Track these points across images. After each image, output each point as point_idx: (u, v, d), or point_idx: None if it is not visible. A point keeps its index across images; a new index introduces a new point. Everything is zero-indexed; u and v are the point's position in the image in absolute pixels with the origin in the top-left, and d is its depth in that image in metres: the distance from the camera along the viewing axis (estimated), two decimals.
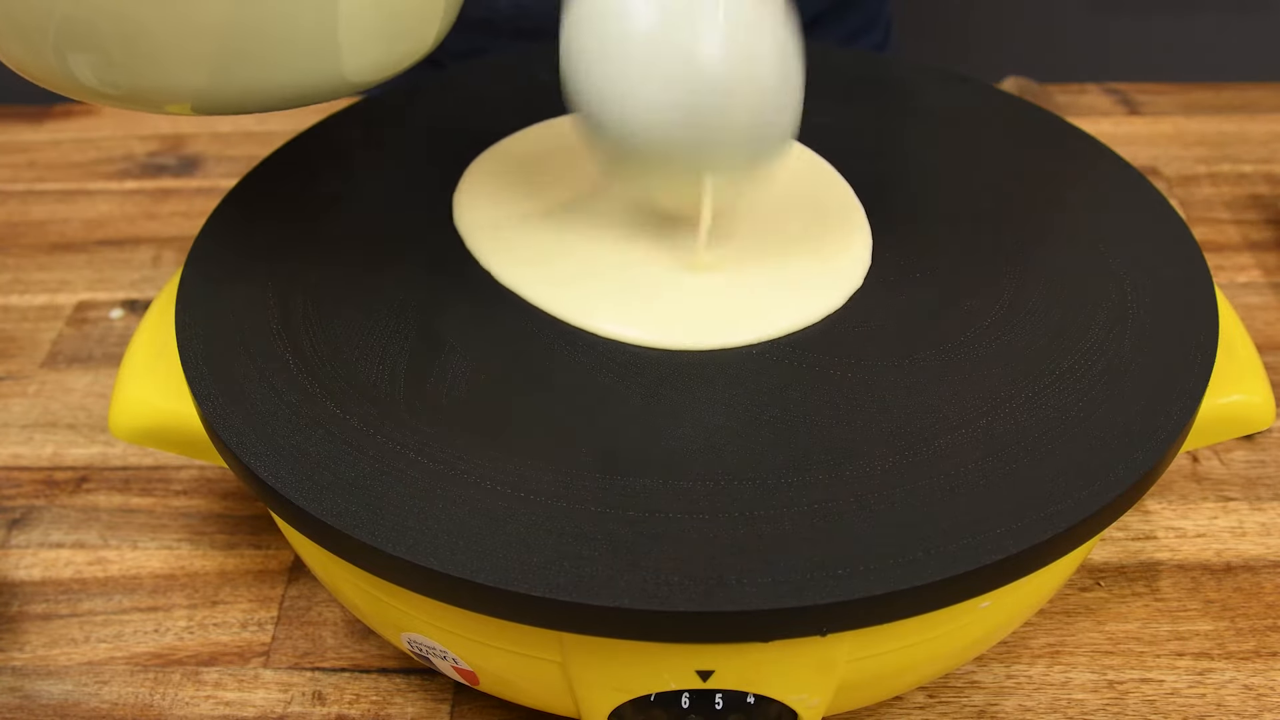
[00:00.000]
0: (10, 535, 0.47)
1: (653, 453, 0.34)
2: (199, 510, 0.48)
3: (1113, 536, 0.45)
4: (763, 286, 0.39)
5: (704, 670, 0.32)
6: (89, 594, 0.44)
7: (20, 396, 0.53)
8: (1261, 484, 0.47)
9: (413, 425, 0.35)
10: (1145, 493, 0.34)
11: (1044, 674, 0.41)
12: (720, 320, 0.38)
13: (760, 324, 0.37)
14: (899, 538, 0.31)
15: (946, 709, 0.40)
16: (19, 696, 0.41)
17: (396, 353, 0.37)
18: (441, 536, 0.31)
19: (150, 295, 0.59)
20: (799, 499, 0.32)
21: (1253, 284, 0.57)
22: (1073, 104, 0.71)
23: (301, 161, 0.46)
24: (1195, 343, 0.37)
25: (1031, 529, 0.31)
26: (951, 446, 0.33)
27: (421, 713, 0.40)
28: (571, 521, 0.32)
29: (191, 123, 0.71)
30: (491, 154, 0.46)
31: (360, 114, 0.49)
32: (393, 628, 0.36)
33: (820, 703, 0.34)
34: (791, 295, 0.39)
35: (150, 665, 0.42)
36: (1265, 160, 0.65)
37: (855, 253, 0.40)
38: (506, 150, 0.46)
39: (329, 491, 0.33)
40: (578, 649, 0.32)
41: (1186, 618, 0.42)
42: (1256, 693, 0.40)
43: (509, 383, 0.36)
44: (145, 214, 0.64)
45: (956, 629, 0.34)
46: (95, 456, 0.50)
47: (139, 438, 0.39)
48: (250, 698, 0.41)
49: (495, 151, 0.46)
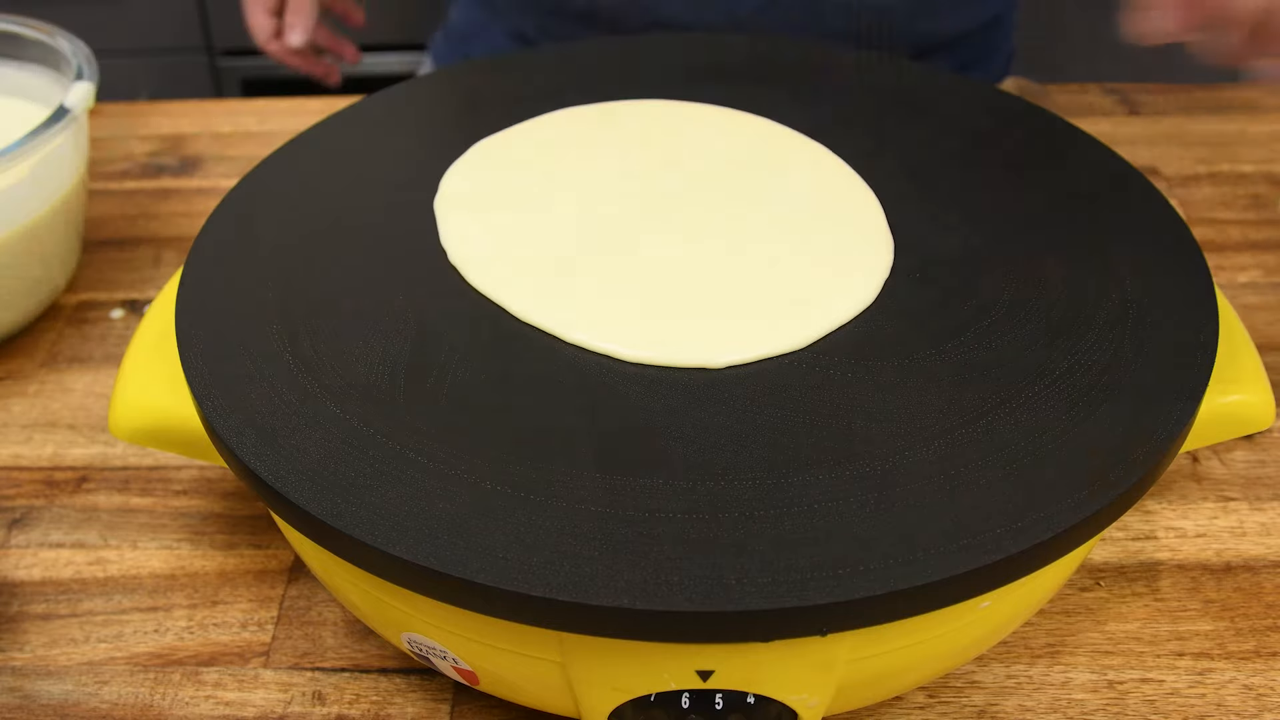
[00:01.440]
0: (10, 535, 0.47)
1: (653, 453, 0.34)
2: (199, 510, 0.48)
3: (1113, 536, 0.45)
4: (773, 300, 0.38)
5: (704, 670, 0.32)
6: (89, 594, 0.44)
7: (20, 396, 0.53)
8: (1261, 484, 0.47)
9: (412, 425, 0.35)
10: (1145, 493, 0.34)
11: (1044, 674, 0.41)
12: (723, 338, 0.37)
13: (764, 342, 0.37)
14: (899, 538, 0.31)
15: (946, 709, 0.40)
16: (19, 696, 0.41)
17: (396, 353, 0.37)
18: (441, 536, 0.31)
19: (150, 295, 0.58)
20: (799, 499, 0.32)
21: (1253, 284, 0.57)
22: (1073, 104, 0.71)
23: (302, 161, 0.46)
24: (1195, 343, 0.37)
25: (1031, 529, 0.31)
26: (951, 446, 0.33)
27: (421, 713, 0.40)
28: (571, 521, 0.32)
29: (192, 122, 0.71)
30: (467, 161, 0.45)
31: (360, 114, 0.49)
32: (393, 628, 0.36)
33: (820, 703, 0.34)
34: (802, 310, 0.38)
35: (150, 665, 0.42)
36: (1265, 160, 0.65)
37: (873, 268, 0.40)
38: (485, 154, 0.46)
39: (329, 491, 0.33)
40: (578, 649, 0.32)
41: (1186, 618, 0.42)
42: (1256, 693, 0.40)
43: (509, 383, 0.36)
44: (145, 214, 0.64)
45: (956, 629, 0.34)
46: (95, 456, 0.50)
47: (139, 438, 0.39)
48: (250, 698, 0.41)
49: (470, 159, 0.45)
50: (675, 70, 0.51)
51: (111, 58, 0.84)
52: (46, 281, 0.56)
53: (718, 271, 0.40)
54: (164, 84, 1.51)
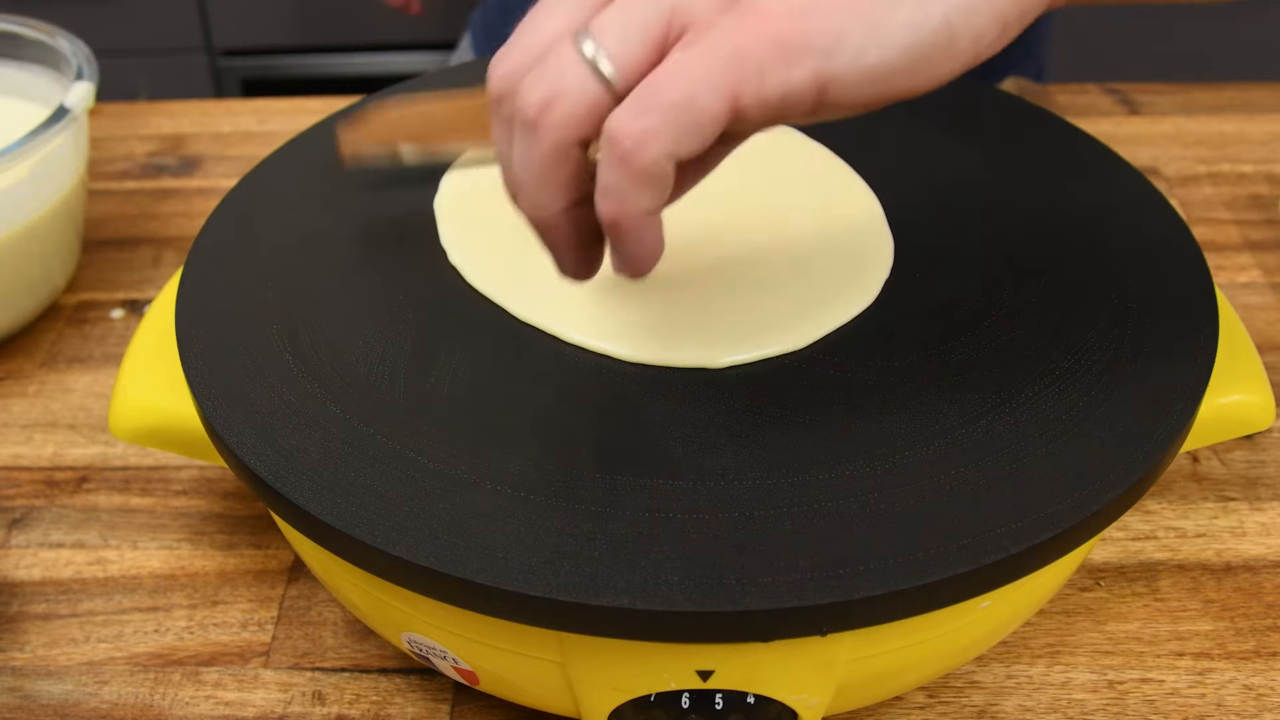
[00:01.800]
0: (10, 535, 0.47)
1: (653, 453, 0.34)
2: (199, 510, 0.48)
3: (1113, 536, 0.45)
4: (773, 300, 0.38)
5: (704, 670, 0.32)
6: (89, 594, 0.44)
7: (20, 396, 0.53)
8: (1261, 484, 0.47)
9: (412, 425, 0.34)
10: (1145, 493, 0.34)
11: (1044, 674, 0.41)
12: (723, 338, 0.37)
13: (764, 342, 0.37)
14: (899, 538, 0.31)
15: (946, 709, 0.40)
16: (19, 696, 0.41)
17: (396, 353, 0.37)
18: (441, 536, 0.31)
19: (150, 295, 0.58)
20: (799, 499, 0.32)
21: (1253, 284, 0.57)
22: (1073, 104, 0.71)
23: (301, 161, 0.46)
24: (1195, 343, 0.37)
25: (1031, 529, 0.31)
26: (951, 446, 0.33)
27: (421, 713, 0.40)
28: (571, 521, 0.32)
29: (192, 122, 0.71)
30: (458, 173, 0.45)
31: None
32: (393, 628, 0.36)
33: (820, 703, 0.34)
34: (802, 310, 0.38)
35: (150, 665, 0.42)
36: (1265, 160, 0.65)
37: (874, 268, 0.40)
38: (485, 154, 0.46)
39: (329, 491, 0.33)
40: (578, 649, 0.32)
41: (1186, 618, 0.42)
42: (1256, 693, 0.40)
43: (509, 383, 0.36)
44: (145, 214, 0.64)
45: (956, 629, 0.34)
46: (95, 456, 0.50)
47: (139, 438, 0.39)
48: (250, 698, 0.41)
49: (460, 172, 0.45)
50: None
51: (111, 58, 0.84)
52: (46, 281, 0.56)
53: (718, 271, 0.39)
54: (164, 84, 1.51)
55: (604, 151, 0.28)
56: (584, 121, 0.29)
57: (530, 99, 0.29)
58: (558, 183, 0.30)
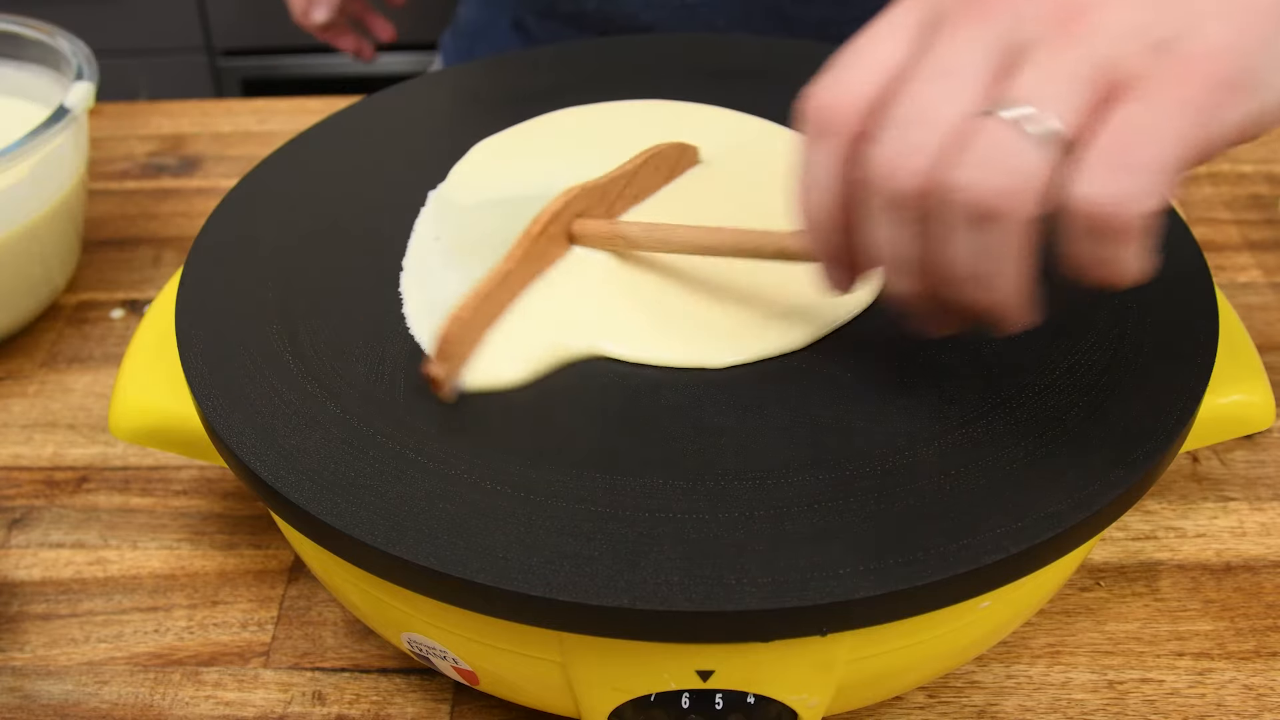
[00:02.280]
0: (10, 535, 0.47)
1: (653, 453, 0.34)
2: (199, 510, 0.48)
3: (1113, 536, 0.45)
4: (773, 300, 0.38)
5: (704, 670, 0.32)
6: (89, 594, 0.44)
7: (20, 396, 0.53)
8: (1261, 484, 0.47)
9: (413, 425, 0.35)
10: (1145, 493, 0.34)
11: (1044, 674, 0.41)
12: (723, 338, 0.37)
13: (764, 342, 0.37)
14: (899, 538, 0.31)
15: (946, 709, 0.40)
16: (19, 696, 0.41)
17: (396, 353, 0.37)
18: (441, 536, 0.31)
19: (150, 295, 0.58)
20: (799, 499, 0.32)
21: (1253, 284, 0.57)
22: None
23: (301, 161, 0.46)
24: (1195, 343, 0.37)
25: (1031, 529, 0.31)
26: (951, 447, 0.33)
27: (421, 713, 0.40)
28: (571, 521, 0.32)
29: (192, 122, 0.71)
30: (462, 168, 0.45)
31: (361, 114, 0.49)
32: (393, 628, 0.36)
33: (820, 703, 0.34)
34: (802, 310, 0.38)
35: (150, 665, 0.42)
36: (1265, 160, 0.65)
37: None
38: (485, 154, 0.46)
39: (329, 491, 0.33)
40: (578, 649, 0.32)
41: (1186, 618, 0.42)
42: (1256, 693, 0.40)
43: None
44: (145, 214, 0.64)
45: (956, 629, 0.34)
46: (95, 456, 0.50)
47: (139, 438, 0.39)
48: (250, 698, 0.41)
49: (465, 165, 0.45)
50: (675, 70, 0.51)
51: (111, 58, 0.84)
52: (46, 281, 0.56)
53: (718, 271, 0.39)
54: (164, 84, 1.51)
55: (1078, 224, 0.28)
56: (1046, 197, 0.28)
57: (979, 189, 0.28)
58: (1027, 261, 0.29)
